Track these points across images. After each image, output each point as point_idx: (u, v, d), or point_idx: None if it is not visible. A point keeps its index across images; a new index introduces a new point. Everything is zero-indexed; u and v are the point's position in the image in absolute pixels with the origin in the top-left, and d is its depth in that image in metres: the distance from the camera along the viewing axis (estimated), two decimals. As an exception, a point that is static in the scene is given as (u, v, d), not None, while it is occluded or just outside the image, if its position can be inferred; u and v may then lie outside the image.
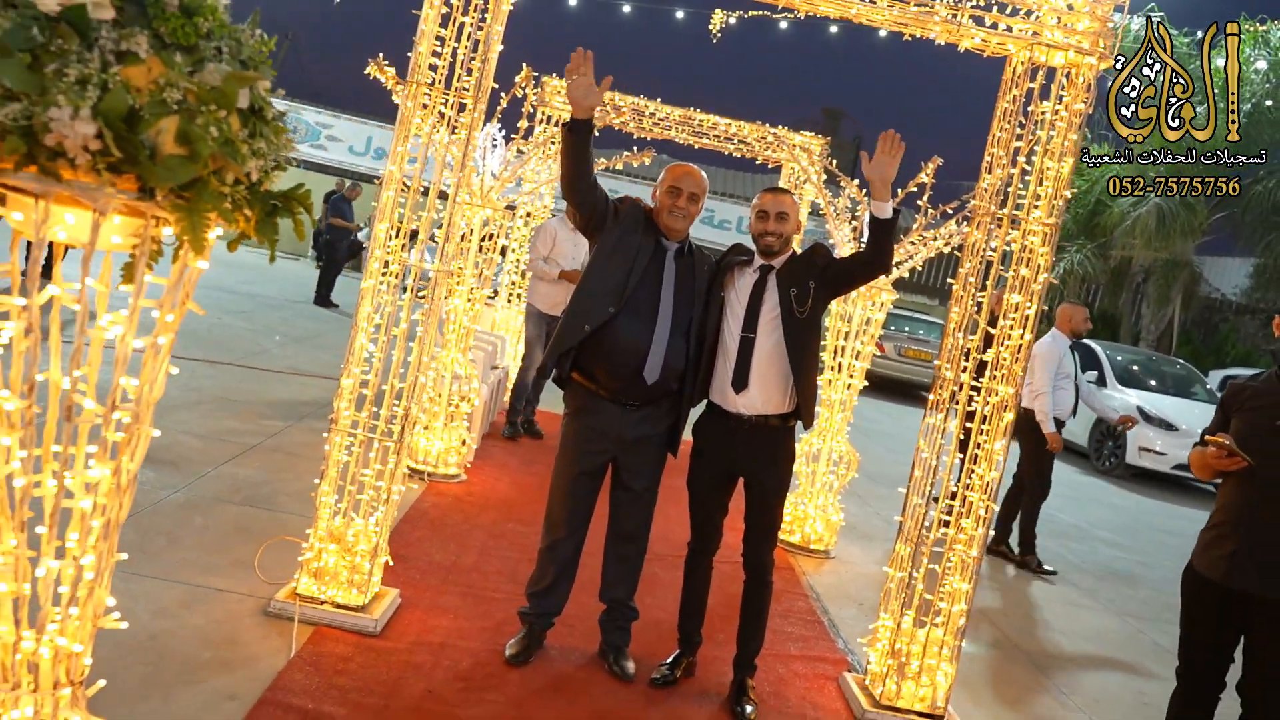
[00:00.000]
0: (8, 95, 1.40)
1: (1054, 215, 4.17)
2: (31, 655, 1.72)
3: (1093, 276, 23.15)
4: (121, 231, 1.62)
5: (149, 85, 1.48)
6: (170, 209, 1.55)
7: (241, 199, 1.62)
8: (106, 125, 1.42)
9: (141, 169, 1.49)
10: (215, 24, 1.57)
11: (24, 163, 1.45)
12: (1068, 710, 4.76)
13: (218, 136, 1.51)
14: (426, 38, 3.96)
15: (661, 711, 3.89)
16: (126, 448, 1.73)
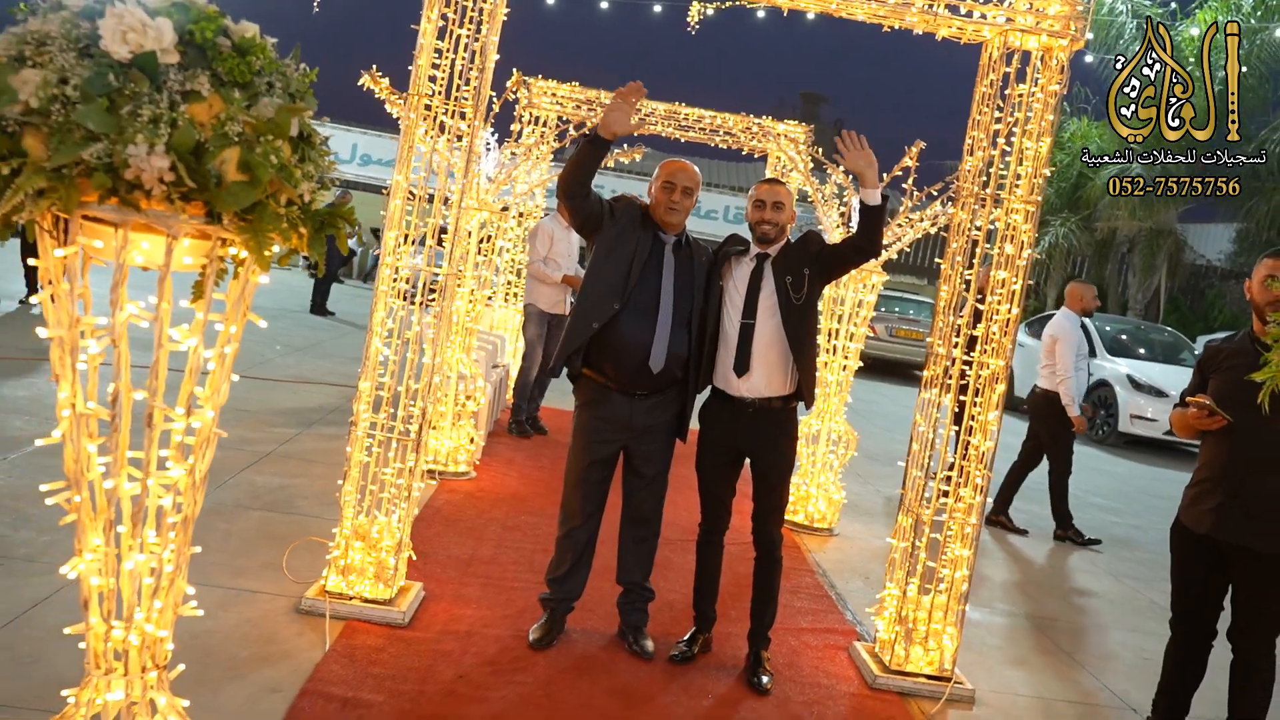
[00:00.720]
0: (90, 136, 1.56)
1: (1035, 194, 4.34)
2: (121, 643, 1.89)
3: (1078, 249, 23.38)
4: (192, 253, 1.78)
5: (212, 120, 1.64)
6: (235, 230, 1.71)
7: (296, 218, 1.79)
8: (178, 158, 1.59)
9: (209, 196, 1.64)
10: (265, 61, 1.73)
11: (106, 196, 1.61)
12: (1071, 668, 4.95)
13: (275, 163, 1.67)
14: (425, 51, 4.11)
15: (681, 685, 4.07)
16: (200, 449, 1.90)
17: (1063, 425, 7.65)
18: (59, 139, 1.55)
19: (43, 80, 1.55)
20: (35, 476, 5.32)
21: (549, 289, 8.09)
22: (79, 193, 1.59)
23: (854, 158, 4.02)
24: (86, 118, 1.54)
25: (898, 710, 4.14)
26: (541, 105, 9.09)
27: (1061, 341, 7.56)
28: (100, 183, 1.57)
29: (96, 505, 1.87)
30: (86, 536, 1.86)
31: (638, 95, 3.90)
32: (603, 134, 3.86)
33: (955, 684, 4.33)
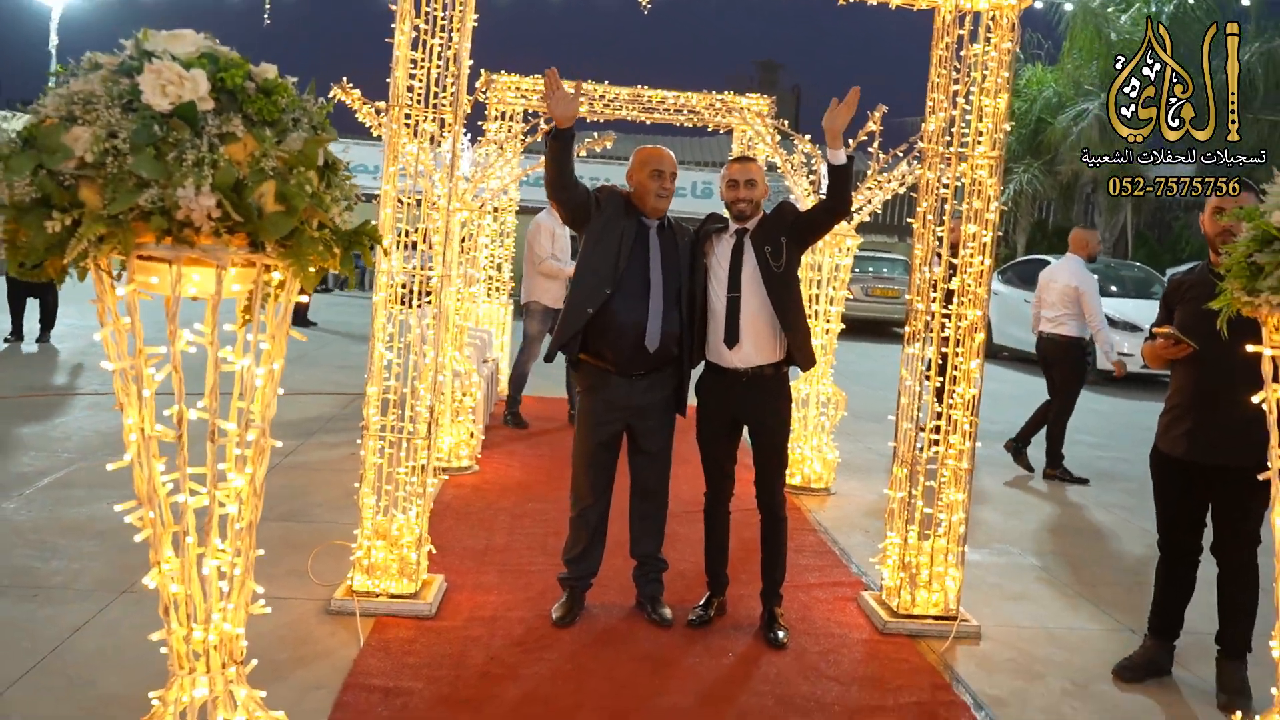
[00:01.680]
0: (142, 183, 1.71)
1: (997, 148, 4.53)
2: (201, 644, 2.05)
3: (1043, 194, 23.68)
4: (239, 280, 1.93)
5: (248, 158, 1.79)
6: (278, 256, 1.87)
7: (329, 239, 1.94)
8: (222, 196, 1.74)
9: (252, 227, 1.80)
10: (289, 99, 1.88)
11: (161, 236, 1.76)
12: (1069, 598, 5.18)
13: (308, 192, 1.83)
14: (402, 63, 4.25)
15: (702, 647, 4.26)
16: (258, 459, 2.06)
17: (1076, 370, 7.92)
18: (114, 188, 1.70)
19: (93, 136, 1.70)
20: (54, 510, 5.46)
21: (554, 284, 8.26)
22: (135, 235, 1.75)
23: (835, 114, 4.15)
24: (139, 167, 1.69)
25: (909, 651, 4.35)
26: (506, 100, 9.21)
27: (1087, 292, 7.80)
28: (157, 225, 1.72)
29: (165, 520, 2.03)
30: (161, 549, 2.02)
31: (556, 83, 4.04)
32: (559, 125, 4.03)
33: (961, 622, 4.54)
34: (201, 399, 2.04)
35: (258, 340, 2.04)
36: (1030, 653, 4.41)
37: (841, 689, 3.93)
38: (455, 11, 4.29)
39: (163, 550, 2.04)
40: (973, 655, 4.36)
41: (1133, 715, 3.91)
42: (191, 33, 1.85)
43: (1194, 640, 4.37)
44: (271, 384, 2.12)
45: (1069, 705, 3.93)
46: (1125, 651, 4.33)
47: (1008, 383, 13.58)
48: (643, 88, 9.29)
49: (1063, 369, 8.04)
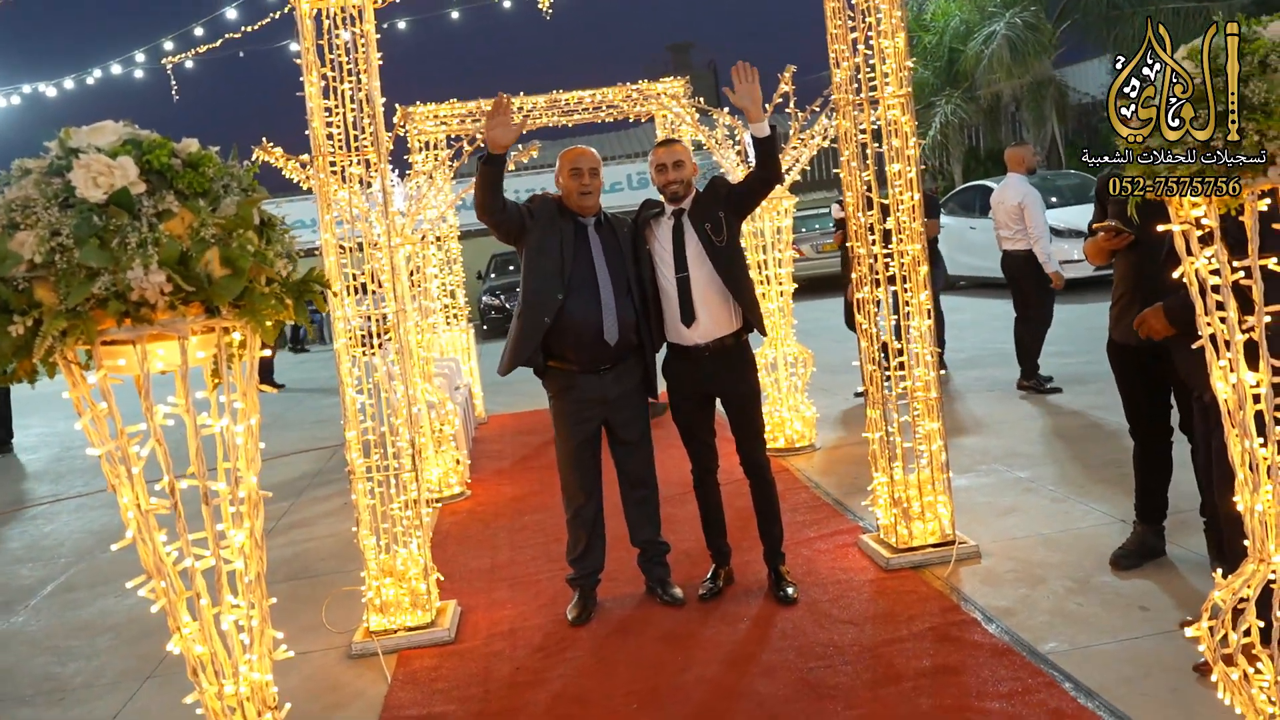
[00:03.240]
0: (93, 273, 1.79)
1: (905, 86, 4.65)
2: (234, 698, 2.13)
3: (969, 121, 23.93)
4: (202, 347, 2.01)
5: (187, 230, 1.87)
6: (234, 317, 1.95)
7: (279, 292, 2.02)
8: (170, 270, 1.82)
9: (204, 294, 1.88)
10: (215, 168, 1.96)
11: (120, 319, 1.84)
12: (1057, 502, 5.33)
13: (250, 251, 1.91)
14: (317, 113, 4.32)
15: (718, 617, 4.37)
16: (253, 513, 2.14)
17: (1042, 280, 8.14)
18: (67, 283, 1.78)
19: (38, 238, 1.77)
20: (62, 614, 5.49)
21: None
22: (96, 324, 1.82)
23: (743, 91, 4.28)
24: (87, 258, 1.77)
25: (915, 582, 4.48)
26: (427, 130, 9.27)
27: (1029, 205, 8.11)
28: (114, 309, 1.80)
29: (177, 587, 2.11)
30: (178, 615, 2.10)
31: (506, 109, 4.13)
32: (493, 150, 4.11)
33: (959, 544, 4.68)
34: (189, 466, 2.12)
35: (231, 400, 2.13)
36: (1029, 560, 4.56)
37: (856, 630, 4.05)
38: (359, 54, 4.37)
39: (180, 616, 2.11)
40: (975, 573, 4.50)
41: (1135, 599, 4.05)
42: (111, 123, 1.93)
43: (1181, 518, 4.53)
44: (252, 439, 2.20)
45: (1073, 602, 4.07)
46: (1119, 542, 4.48)
47: (968, 311, 13.79)
48: (558, 92, 9.37)
49: (1029, 283, 8.28)
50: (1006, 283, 8.77)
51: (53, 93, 16.64)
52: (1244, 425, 2.37)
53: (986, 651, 3.72)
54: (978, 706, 3.33)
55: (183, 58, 16.53)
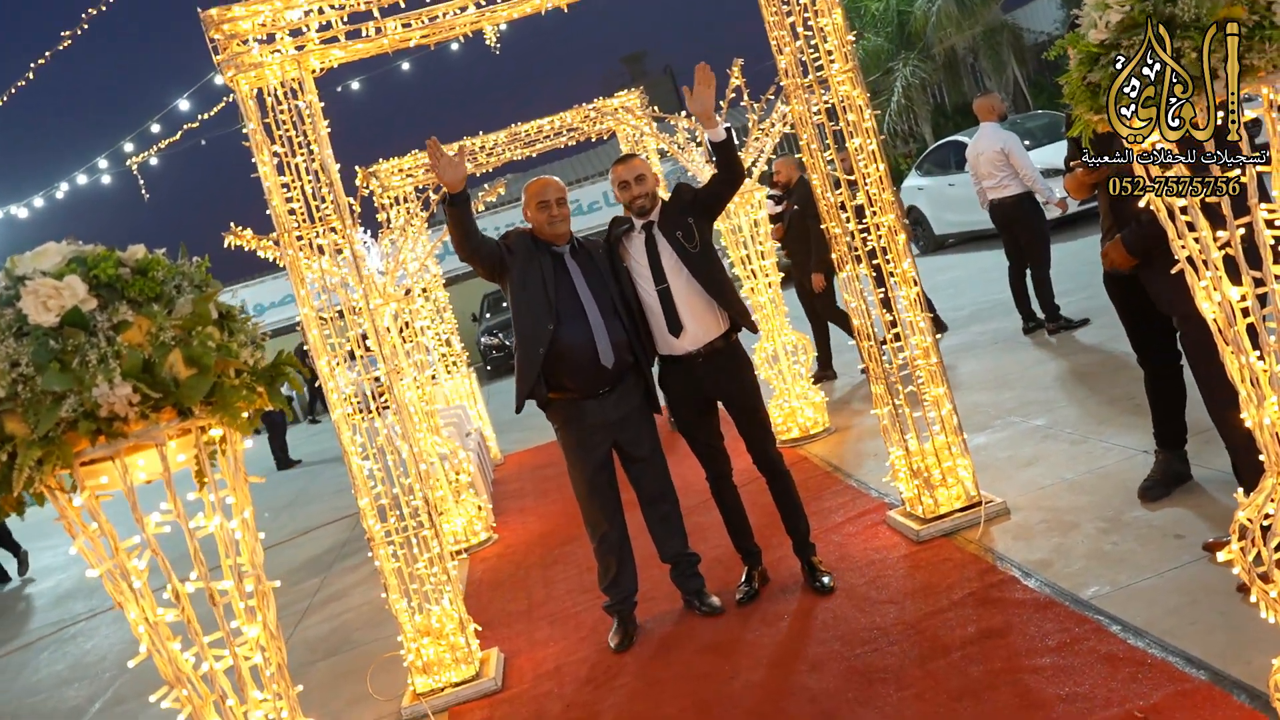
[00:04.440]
0: (59, 397, 1.78)
1: (850, 60, 4.64)
2: (277, 791, 2.12)
3: (930, 80, 23.93)
4: (182, 450, 2.01)
5: (146, 337, 1.86)
6: (208, 415, 1.94)
7: (249, 382, 2.02)
8: (135, 380, 1.81)
9: (175, 398, 1.87)
10: (165, 270, 1.96)
11: (94, 437, 1.84)
12: (1077, 445, 5.28)
13: (212, 347, 1.90)
14: (275, 191, 4.32)
15: (759, 619, 4.34)
16: (264, 605, 2.13)
17: (1035, 221, 8.13)
18: (34, 412, 1.78)
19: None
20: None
21: None
22: (71, 446, 1.82)
23: (697, 97, 4.27)
24: (50, 383, 1.76)
25: (949, 550, 4.45)
26: (394, 184, 9.28)
27: (1013, 149, 8.14)
28: (86, 429, 1.79)
29: (201, 692, 2.10)
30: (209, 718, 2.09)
31: (439, 149, 4.13)
32: (452, 191, 4.12)
33: (986, 504, 4.64)
34: (192, 570, 2.11)
35: (221, 497, 2.11)
36: (1058, 507, 4.52)
37: (897, 608, 4.02)
38: (307, 125, 4.37)
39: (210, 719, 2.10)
40: (1007, 530, 4.46)
41: (1169, 528, 4.01)
42: (53, 244, 1.93)
43: (1203, 438, 4.49)
44: (249, 532, 2.19)
45: (1108, 543, 4.03)
46: (1144, 475, 4.43)
47: (961, 267, 13.74)
48: (516, 125, 9.40)
49: (1022, 227, 8.25)
50: (998, 232, 8.72)
51: (24, 214, 16.75)
52: (1237, 341, 2.34)
53: (1029, 608, 3.69)
54: (1029, 665, 3.30)
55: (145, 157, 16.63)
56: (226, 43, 4.21)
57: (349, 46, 4.37)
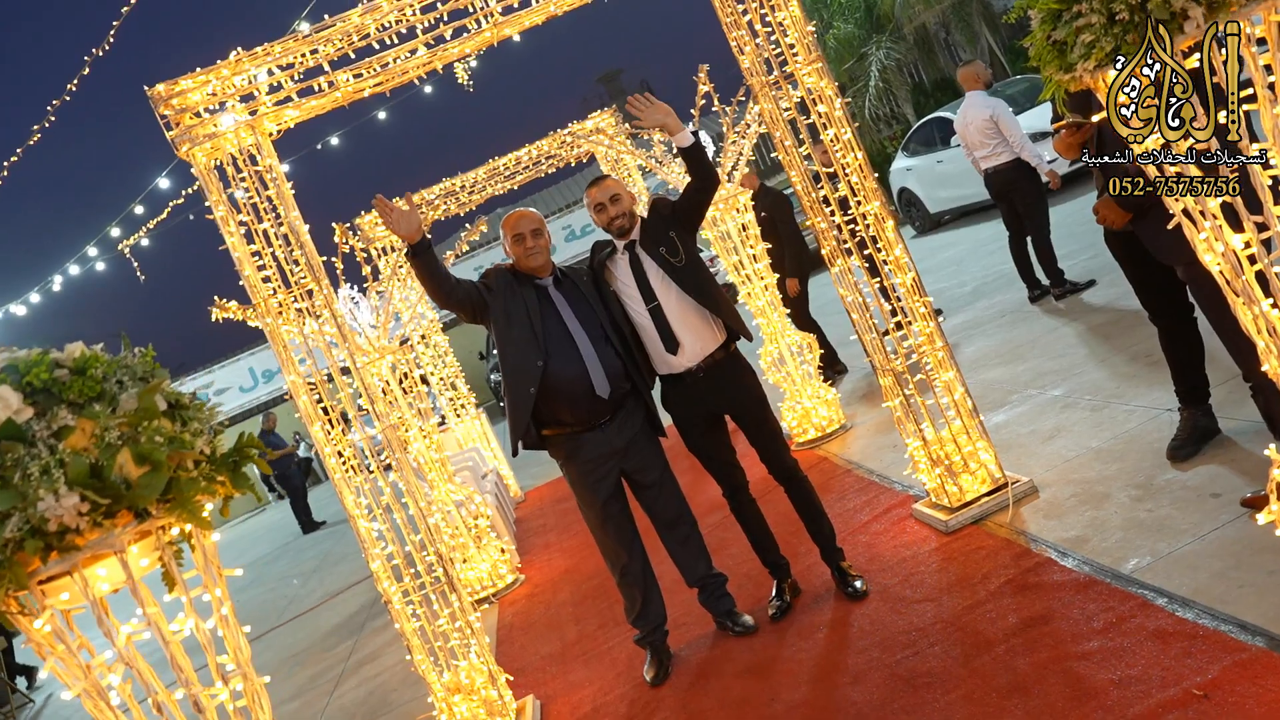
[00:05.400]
0: (3, 516, 1.68)
1: (814, 51, 4.53)
2: None
3: (905, 60, 23.82)
4: (144, 553, 1.90)
5: (91, 440, 1.76)
6: (167, 513, 1.83)
7: (208, 472, 1.91)
8: (82, 488, 1.71)
9: (128, 500, 1.77)
10: (105, 366, 1.85)
11: (46, 554, 1.73)
12: (1099, 411, 5.13)
13: (163, 441, 1.80)
14: (245, 261, 4.23)
15: (795, 633, 4.20)
16: (255, 702, 2.02)
17: (1032, 187, 8.01)
18: (-23, 534, 1.67)
19: (-65, 498, 1.67)
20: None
21: None
22: (24, 566, 1.72)
23: (649, 116, 4.19)
24: (-12, 506, 1.66)
25: (981, 538, 4.30)
26: (379, 235, 9.20)
27: (1001, 115, 8.03)
28: (35, 547, 1.69)
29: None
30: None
31: (387, 204, 4.03)
32: (410, 242, 4.02)
33: (1013, 485, 4.50)
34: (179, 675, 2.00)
35: (191, 598, 2.00)
36: (1087, 479, 4.37)
37: (934, 606, 3.88)
38: (270, 190, 4.28)
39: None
40: (1038, 510, 4.32)
41: (1204, 488, 3.86)
42: (-19, 357, 1.83)
43: (1226, 389, 4.34)
44: (231, 628, 2.07)
45: (1143, 510, 3.88)
46: (1171, 435, 4.28)
47: (964, 243, 13.57)
48: (494, 159, 9.33)
49: (1020, 193, 8.11)
50: (995, 202, 8.59)
51: (22, 311, 16.77)
52: (1247, 292, 2.20)
53: (1069, 589, 3.54)
54: (1076, 651, 3.15)
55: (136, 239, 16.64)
56: (178, 117, 4.13)
57: (303, 105, 4.28)
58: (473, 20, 4.35)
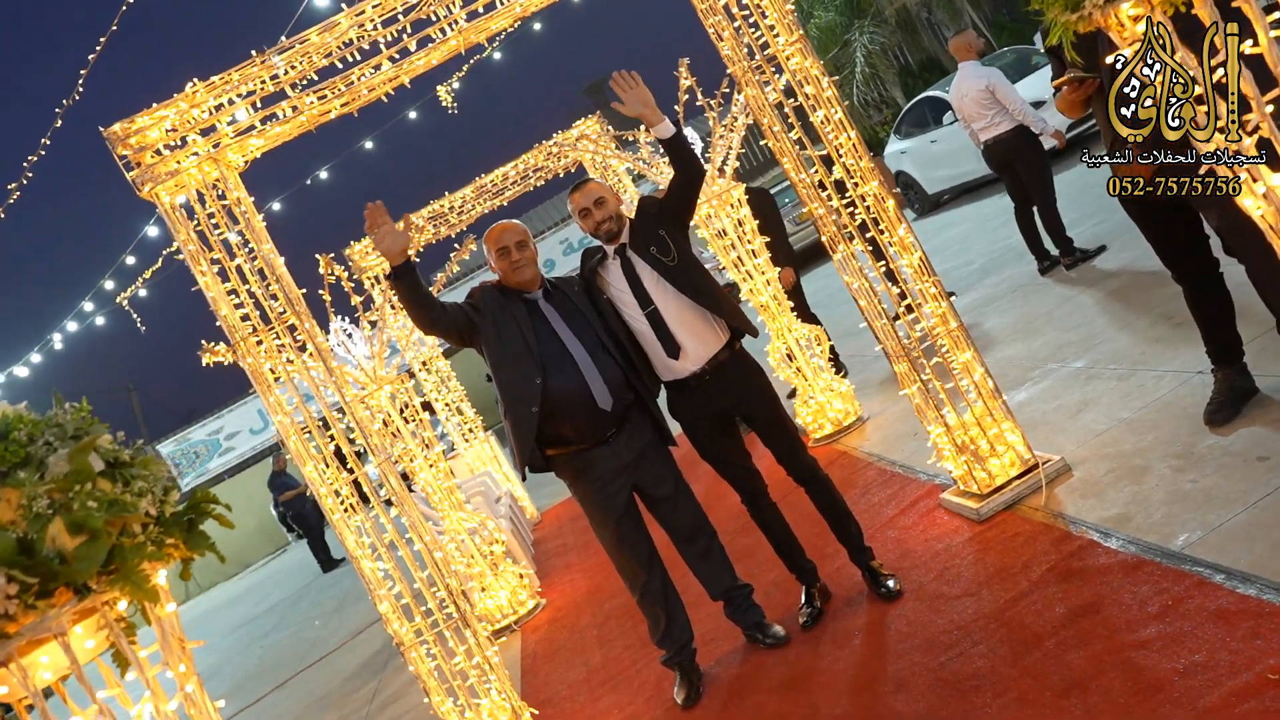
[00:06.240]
0: (-82, 607, 1.49)
1: (795, 30, 4.33)
2: None
3: (889, 44, 23.62)
4: (89, 633, 1.70)
5: (18, 512, 1.57)
6: (110, 586, 1.64)
7: (158, 535, 1.71)
8: (9, 568, 1.51)
9: (64, 577, 1.57)
10: (30, 427, 1.66)
11: (-27, 647, 1.53)
12: (1127, 379, 4.89)
13: (98, 506, 1.60)
14: (220, 301, 4.04)
15: (829, 641, 3.98)
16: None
17: (1035, 155, 7.80)
18: (-108, 632, 1.48)
19: None
20: None
21: None
22: (-50, 664, 1.52)
23: (632, 99, 3.97)
24: (-99, 596, 1.47)
25: (1016, 524, 4.08)
26: (370, 264, 9.02)
27: (998, 83, 7.87)
28: (-41, 644, 1.49)
29: None
30: None
31: (382, 214, 3.82)
32: (394, 263, 3.80)
33: (1044, 465, 4.27)
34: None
35: (150, 675, 1.79)
36: (1122, 452, 4.14)
37: (975, 601, 3.66)
38: (241, 224, 4.09)
39: None
40: (1073, 489, 4.09)
41: (1249, 451, 3.63)
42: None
43: (1259, 344, 4.12)
44: (198, 708, 1.86)
45: (1187, 481, 3.65)
46: (1206, 398, 4.06)
47: (966, 221, 13.32)
48: (480, 177, 9.15)
49: (1023, 161, 7.90)
50: (997, 173, 8.36)
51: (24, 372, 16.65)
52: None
53: (1117, 573, 3.31)
54: (1133, 640, 2.93)
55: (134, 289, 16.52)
56: (138, 156, 3.95)
57: (267, 132, 4.09)
58: (437, 29, 4.16)
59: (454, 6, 4.12)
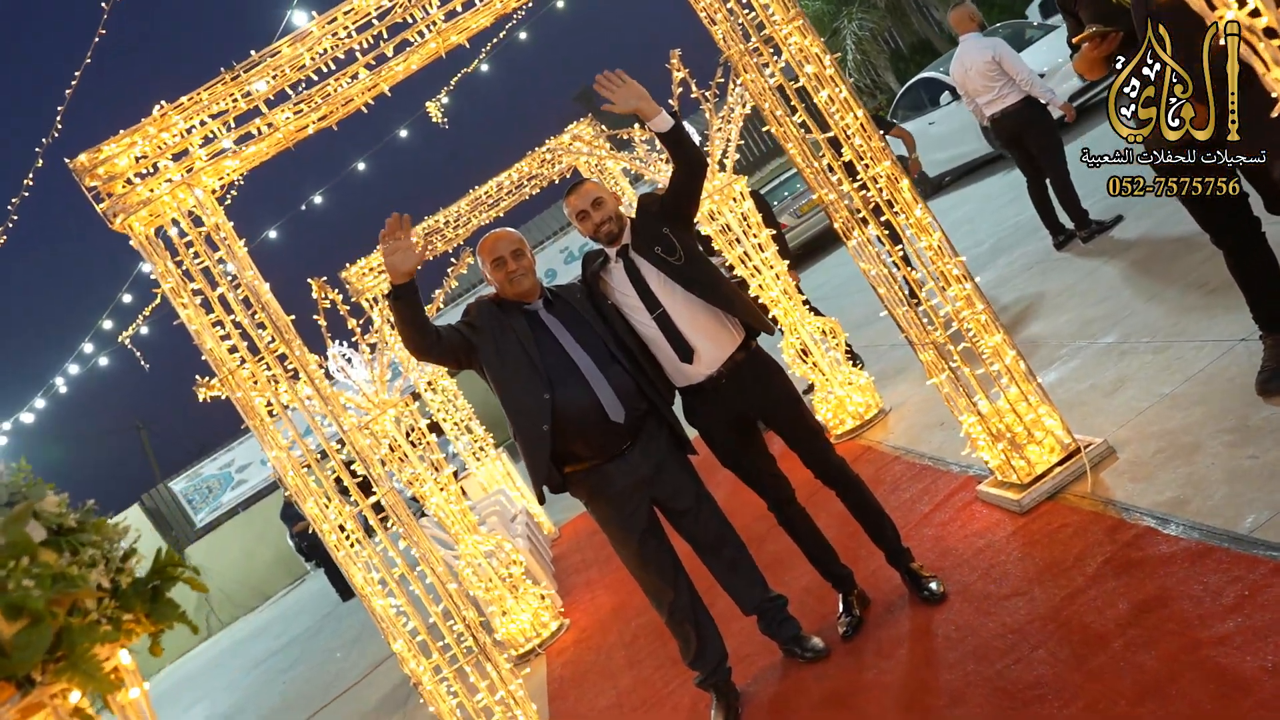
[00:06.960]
0: None
1: (792, 9, 4.10)
2: None
3: (879, 28, 23.40)
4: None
5: (-56, 598, 1.34)
6: (57, 677, 1.41)
7: (114, 609, 1.49)
8: (-66, 665, 1.29)
9: (2, 670, 1.34)
10: (-48, 499, 1.44)
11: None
12: (1164, 351, 4.65)
13: (39, 583, 1.37)
14: (204, 333, 3.82)
15: (872, 651, 3.75)
16: None
17: (1044, 125, 7.58)
18: None
19: None
20: None
21: None
22: None
23: (622, 96, 3.74)
24: None
25: (1061, 514, 3.84)
26: (369, 285, 8.80)
27: (1004, 54, 7.63)
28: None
29: None
30: None
31: (405, 227, 3.57)
32: (396, 281, 3.54)
33: (1087, 449, 4.04)
34: None
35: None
36: (1169, 430, 3.89)
37: (1027, 601, 3.41)
38: (223, 251, 3.87)
39: None
40: (1121, 473, 3.85)
41: (1310, 421, 3.39)
42: None
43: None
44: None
45: (1246, 457, 3.40)
46: (1254, 365, 3.81)
47: (970, 201, 13.06)
48: (474, 189, 8.94)
49: (1033, 133, 7.66)
50: (1006, 149, 8.09)
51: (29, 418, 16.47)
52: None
53: (1182, 562, 3.07)
54: (1209, 636, 2.68)
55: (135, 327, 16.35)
56: (108, 187, 3.73)
57: (242, 153, 3.87)
58: (414, 33, 3.94)
59: (431, 7, 3.90)
